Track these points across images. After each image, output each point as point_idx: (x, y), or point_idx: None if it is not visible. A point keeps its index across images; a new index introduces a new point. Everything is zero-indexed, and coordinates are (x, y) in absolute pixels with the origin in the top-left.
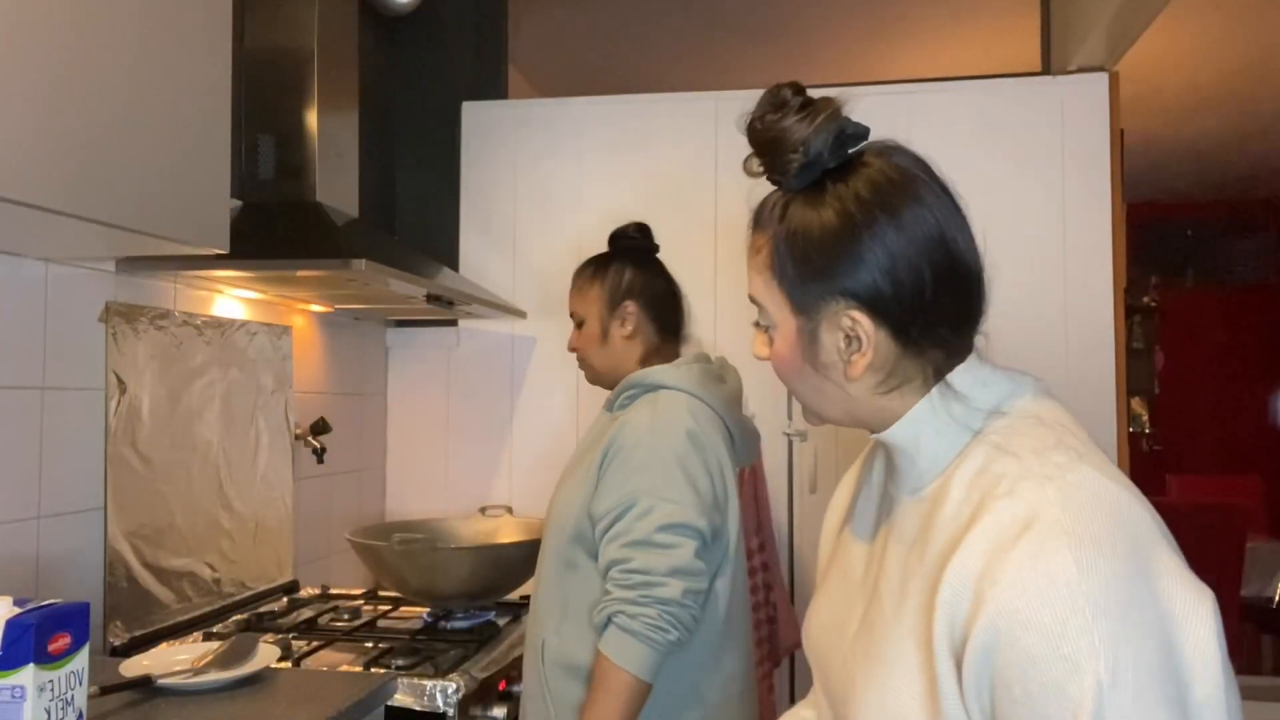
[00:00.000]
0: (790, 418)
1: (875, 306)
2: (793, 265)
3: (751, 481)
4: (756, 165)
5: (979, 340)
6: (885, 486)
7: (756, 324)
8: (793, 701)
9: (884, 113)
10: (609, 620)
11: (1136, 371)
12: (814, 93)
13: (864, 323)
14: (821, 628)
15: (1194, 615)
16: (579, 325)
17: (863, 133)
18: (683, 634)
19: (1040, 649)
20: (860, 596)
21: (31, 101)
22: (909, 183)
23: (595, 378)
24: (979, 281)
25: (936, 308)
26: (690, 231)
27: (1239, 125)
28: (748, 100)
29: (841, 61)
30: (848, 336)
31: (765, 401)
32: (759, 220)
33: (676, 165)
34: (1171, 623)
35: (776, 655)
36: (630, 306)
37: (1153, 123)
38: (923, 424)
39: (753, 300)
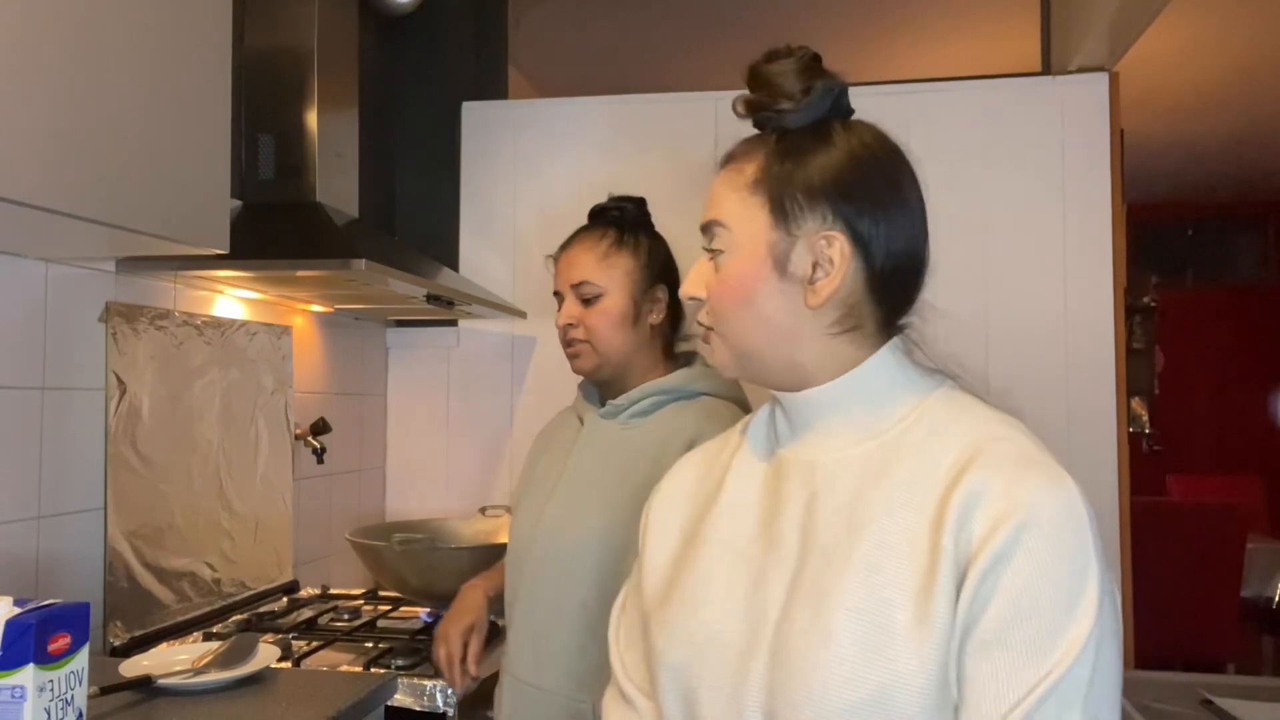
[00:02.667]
0: None
1: (859, 235)
2: (786, 178)
3: None
4: (743, 106)
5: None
6: (777, 455)
7: (708, 250)
8: None
9: (884, 113)
10: None
11: (1136, 371)
12: None
13: (842, 245)
14: (720, 623)
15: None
16: (589, 299)
17: (852, 110)
18: None
19: (1058, 564)
20: (774, 569)
21: (31, 102)
22: (902, 150)
23: (596, 366)
24: (925, 268)
25: (906, 265)
26: (690, 231)
27: (1239, 125)
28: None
29: (841, 61)
30: (816, 262)
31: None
32: (740, 150)
33: (676, 165)
34: None
35: None
36: (661, 292)
37: (1153, 123)
38: (887, 370)
39: (710, 226)
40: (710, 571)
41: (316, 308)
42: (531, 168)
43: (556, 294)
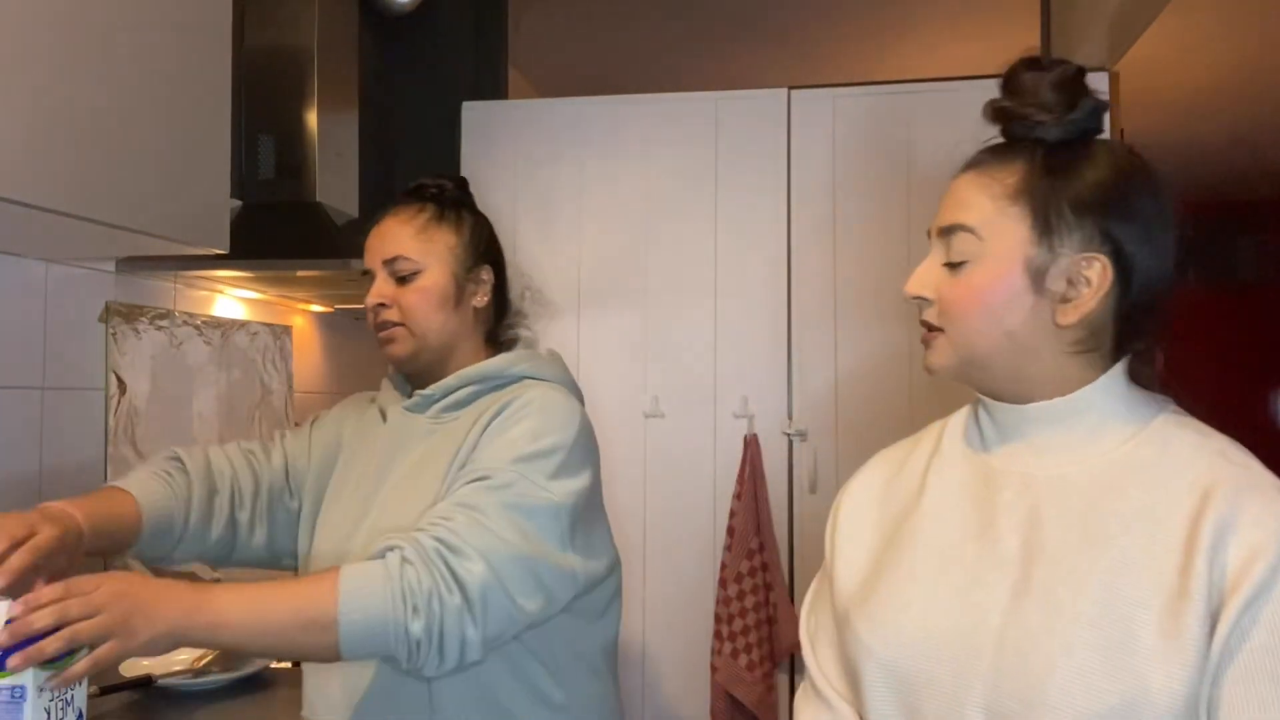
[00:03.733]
0: (790, 417)
1: (1124, 258)
2: (1052, 192)
3: (752, 481)
4: (993, 114)
5: None
6: (983, 461)
7: (949, 262)
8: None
9: (884, 113)
10: (394, 551)
11: (1137, 371)
12: (813, 93)
13: (1104, 267)
14: (933, 622)
15: None
16: (405, 277)
17: (1103, 129)
18: (447, 663)
19: None
20: (992, 574)
21: (32, 102)
22: (1159, 172)
23: (413, 352)
24: (1170, 295)
25: (1158, 292)
26: (690, 231)
27: (1238, 125)
28: (748, 100)
29: (841, 61)
30: (1071, 280)
31: (766, 402)
32: (993, 158)
33: (677, 165)
34: None
35: (776, 655)
36: (486, 273)
37: (1153, 123)
38: (1113, 392)
39: (955, 230)
40: (917, 571)
41: (316, 308)
42: (531, 168)
43: (366, 273)
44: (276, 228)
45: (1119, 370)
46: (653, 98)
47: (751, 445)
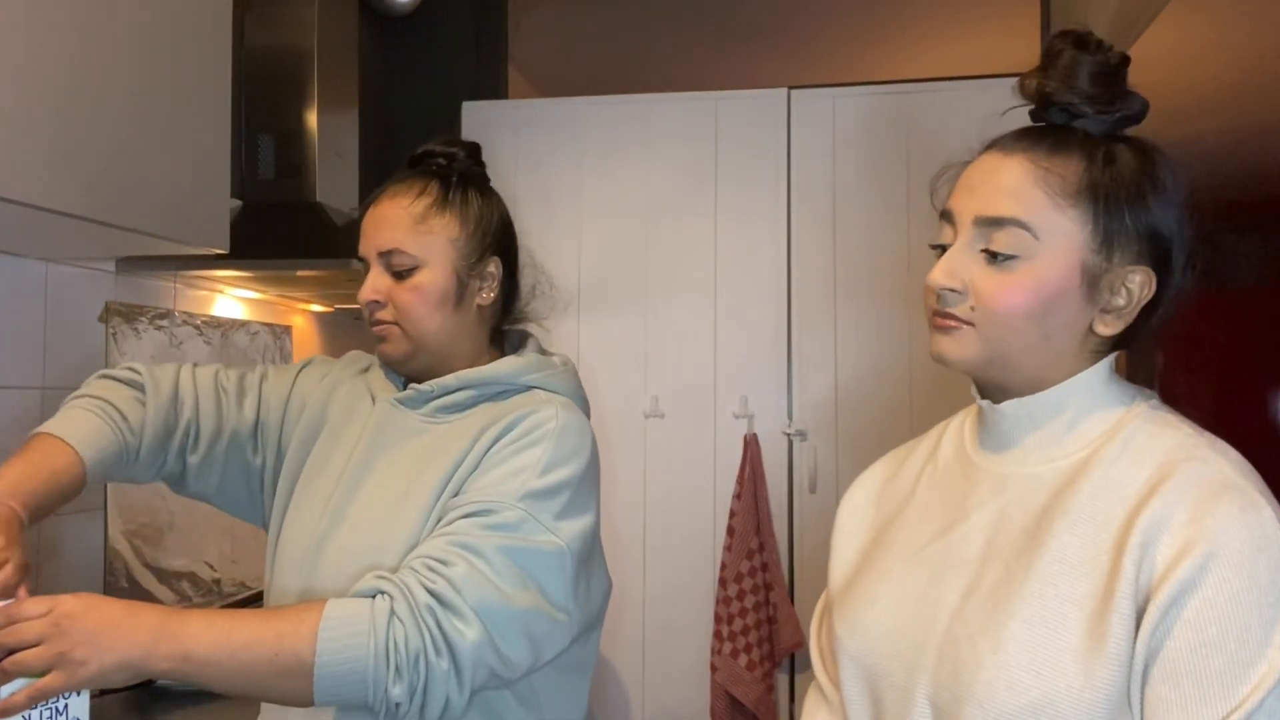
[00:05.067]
0: (790, 417)
1: (1163, 274)
2: (1114, 198)
3: (752, 481)
4: (1035, 93)
5: None
6: (970, 461)
7: (990, 252)
8: (793, 701)
9: (884, 113)
10: (384, 597)
11: (1136, 371)
12: (813, 93)
13: (1149, 282)
14: (894, 617)
15: None
16: (402, 272)
17: None
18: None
19: (1250, 593)
20: (952, 571)
21: (32, 103)
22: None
23: (408, 354)
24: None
25: (1174, 304)
26: (690, 231)
27: (1239, 125)
28: (748, 100)
29: (841, 61)
30: (1112, 289)
31: (765, 402)
32: (1045, 146)
33: (677, 165)
34: None
35: (776, 655)
36: (494, 265)
37: (1153, 122)
38: (1094, 386)
39: (1003, 223)
40: (889, 569)
41: (316, 308)
42: (531, 168)
43: (361, 259)
44: (276, 228)
45: (1102, 366)
46: (653, 98)
47: (751, 445)
